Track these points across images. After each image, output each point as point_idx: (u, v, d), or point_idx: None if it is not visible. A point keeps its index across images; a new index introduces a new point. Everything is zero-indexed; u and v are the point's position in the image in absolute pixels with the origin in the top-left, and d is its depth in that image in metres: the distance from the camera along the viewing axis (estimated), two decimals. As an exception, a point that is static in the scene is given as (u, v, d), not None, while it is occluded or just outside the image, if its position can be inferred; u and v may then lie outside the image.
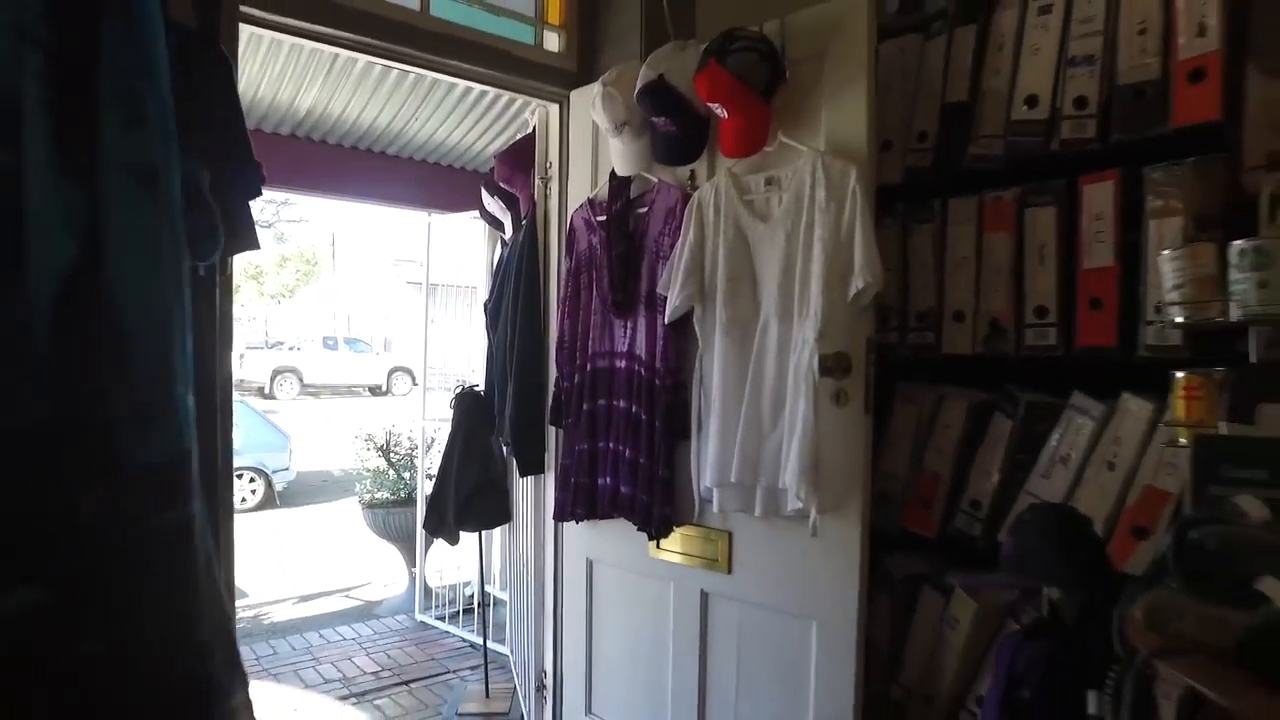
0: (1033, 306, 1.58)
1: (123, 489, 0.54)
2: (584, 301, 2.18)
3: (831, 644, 1.71)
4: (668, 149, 1.94)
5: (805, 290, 1.68)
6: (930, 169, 1.76)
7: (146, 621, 0.55)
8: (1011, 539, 1.26)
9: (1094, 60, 1.47)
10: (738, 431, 1.77)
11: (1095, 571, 1.09)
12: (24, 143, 0.48)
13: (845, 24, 1.71)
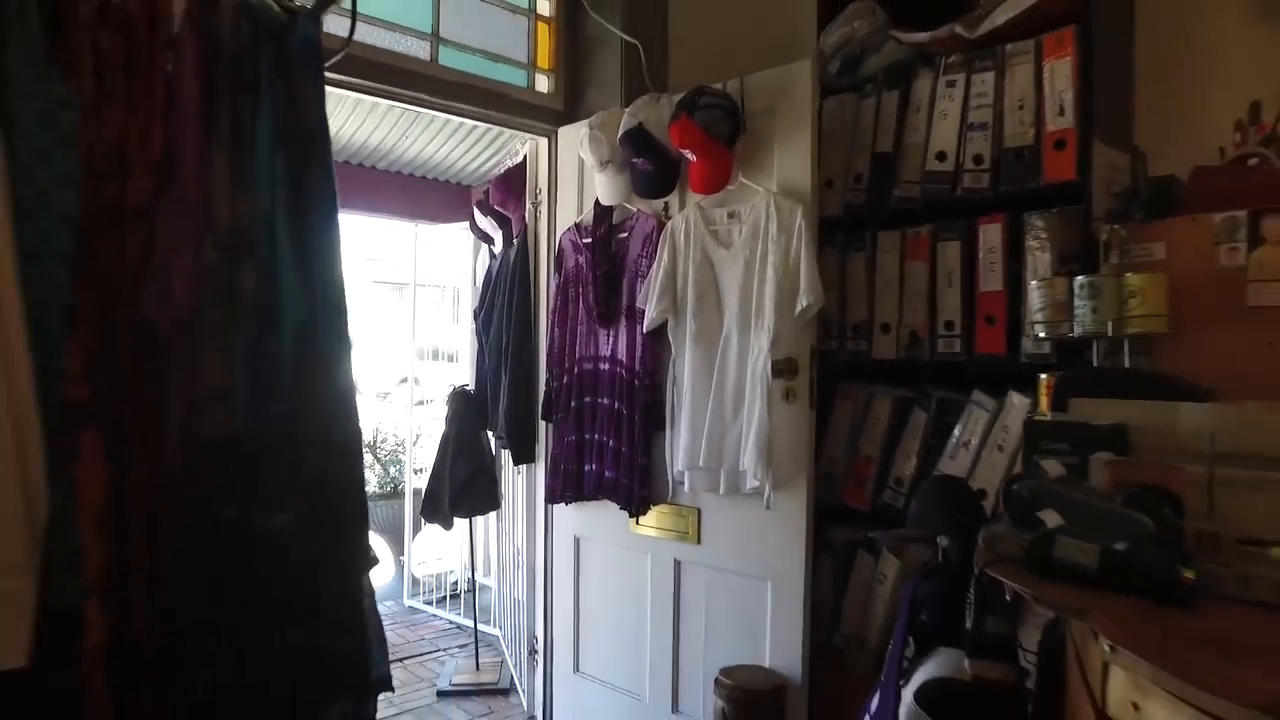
0: (943, 321, 1.97)
1: (325, 455, 0.89)
2: (571, 312, 2.54)
3: (784, 600, 2.09)
4: (645, 184, 2.30)
5: (760, 307, 2.05)
6: (864, 206, 2.14)
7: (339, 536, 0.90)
8: (915, 502, 1.65)
9: (987, 127, 1.87)
10: (705, 423, 2.14)
11: (972, 523, 1.47)
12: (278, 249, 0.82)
13: (794, 84, 2.09)
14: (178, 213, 0.82)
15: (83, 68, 0.77)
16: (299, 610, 0.90)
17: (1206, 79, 1.88)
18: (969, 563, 1.34)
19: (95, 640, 0.74)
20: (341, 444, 0.91)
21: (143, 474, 0.80)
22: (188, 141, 0.83)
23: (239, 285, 0.84)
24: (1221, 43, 1.87)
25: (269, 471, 0.86)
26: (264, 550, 0.87)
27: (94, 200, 0.75)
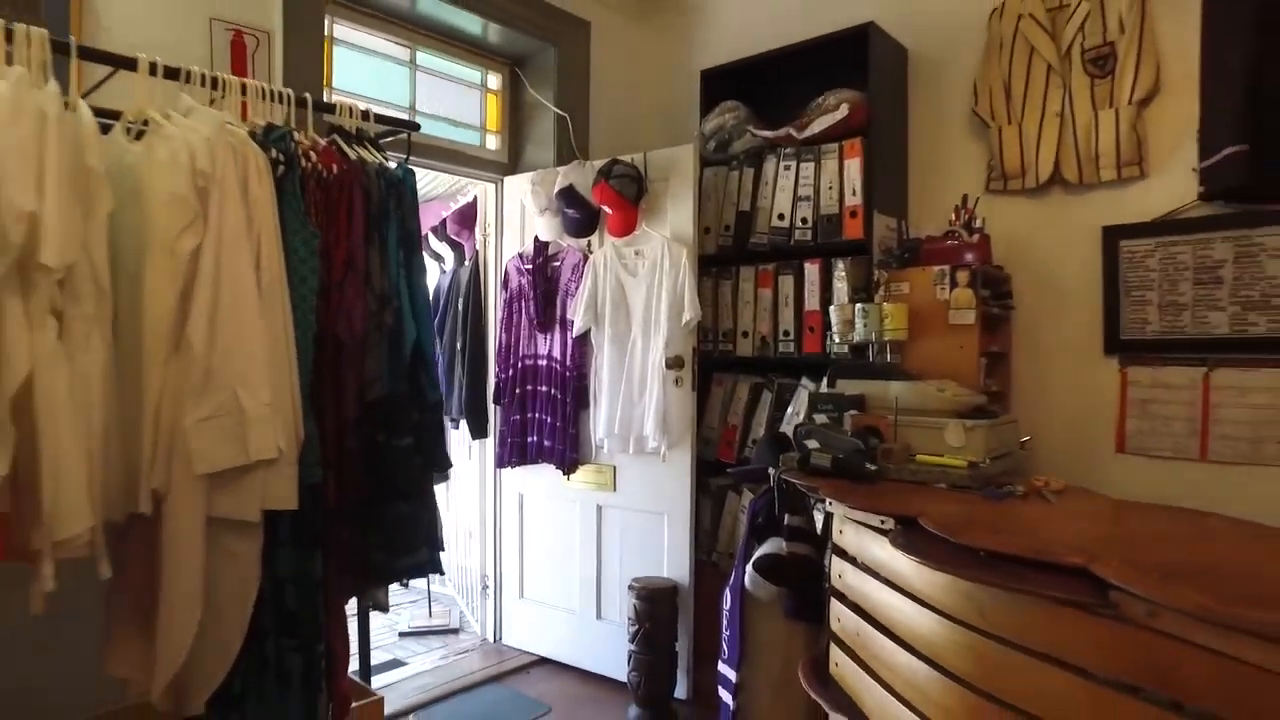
0: (782, 330, 2.90)
1: (426, 409, 1.70)
2: (516, 321, 3.35)
3: (676, 529, 2.97)
4: (574, 227, 3.14)
5: (657, 318, 2.93)
6: (730, 248, 3.05)
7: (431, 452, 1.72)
8: (756, 450, 2.57)
9: (809, 199, 2.81)
10: (618, 402, 3.01)
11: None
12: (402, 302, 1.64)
13: (682, 161, 2.98)
14: (354, 283, 1.60)
15: (311, 210, 1.55)
16: (411, 491, 1.71)
17: (946, 174, 2.87)
18: (784, 485, 2.25)
19: (328, 499, 1.54)
20: (433, 403, 1.73)
21: (339, 417, 1.60)
22: (359, 247, 1.61)
23: (384, 321, 1.63)
24: (952, 152, 2.87)
25: (398, 417, 1.66)
26: (396, 458, 1.66)
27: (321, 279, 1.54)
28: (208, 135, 1.45)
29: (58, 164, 1.26)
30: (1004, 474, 1.96)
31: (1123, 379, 2.54)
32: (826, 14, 3.04)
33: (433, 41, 3.32)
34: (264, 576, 1.54)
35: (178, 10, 2.35)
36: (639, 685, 2.88)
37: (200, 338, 1.41)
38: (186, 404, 1.41)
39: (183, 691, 1.55)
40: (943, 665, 1.42)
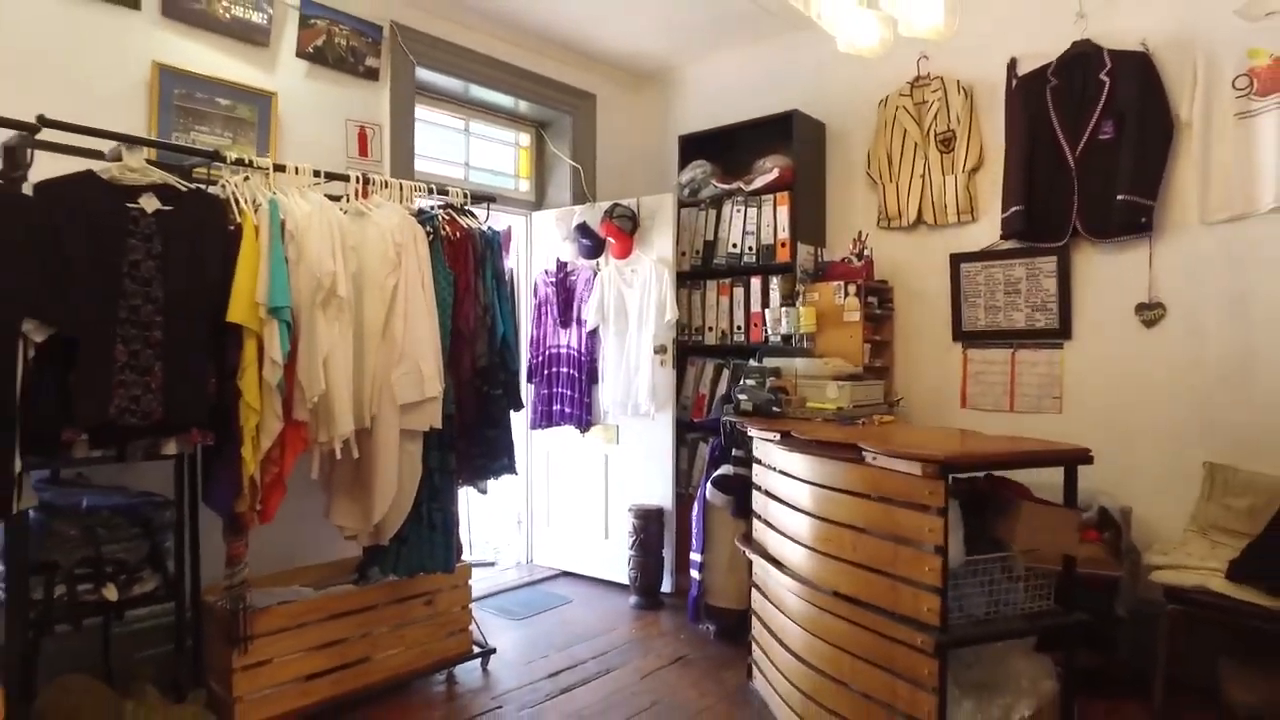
0: (736, 325, 4.19)
1: (508, 373, 2.98)
2: (543, 320, 4.64)
3: (662, 470, 4.26)
4: (586, 252, 4.43)
5: (647, 318, 4.21)
6: (700, 266, 4.35)
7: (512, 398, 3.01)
8: (715, 408, 3.86)
9: (754, 233, 4.10)
10: (620, 379, 4.30)
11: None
12: (497, 309, 2.91)
13: (664, 204, 4.26)
14: (469, 300, 2.88)
15: (448, 255, 2.85)
16: (500, 421, 3.00)
17: (852, 214, 4.16)
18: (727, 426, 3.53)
19: (455, 424, 2.86)
20: (512, 370, 3.02)
21: (460, 377, 2.89)
22: (471, 278, 2.89)
23: (486, 322, 2.90)
24: (856, 198, 4.17)
25: (493, 378, 2.95)
26: (491, 402, 2.96)
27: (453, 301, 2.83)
28: (397, 221, 2.74)
29: (338, 240, 2.55)
30: (858, 413, 3.24)
31: (964, 358, 3.84)
32: (771, 97, 4.33)
33: (480, 114, 4.61)
34: (424, 467, 2.83)
35: (327, 117, 3.63)
36: (636, 580, 4.18)
37: (397, 332, 2.70)
38: (390, 366, 2.69)
39: (379, 532, 2.84)
40: (796, 506, 2.71)
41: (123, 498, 2.52)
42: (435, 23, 3.99)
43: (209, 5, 3.18)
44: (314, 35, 3.51)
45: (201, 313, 2.36)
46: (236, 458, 2.39)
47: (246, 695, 2.61)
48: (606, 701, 3.02)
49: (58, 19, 2.82)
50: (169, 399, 2.29)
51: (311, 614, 2.81)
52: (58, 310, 2.08)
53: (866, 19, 2.68)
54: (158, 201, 2.31)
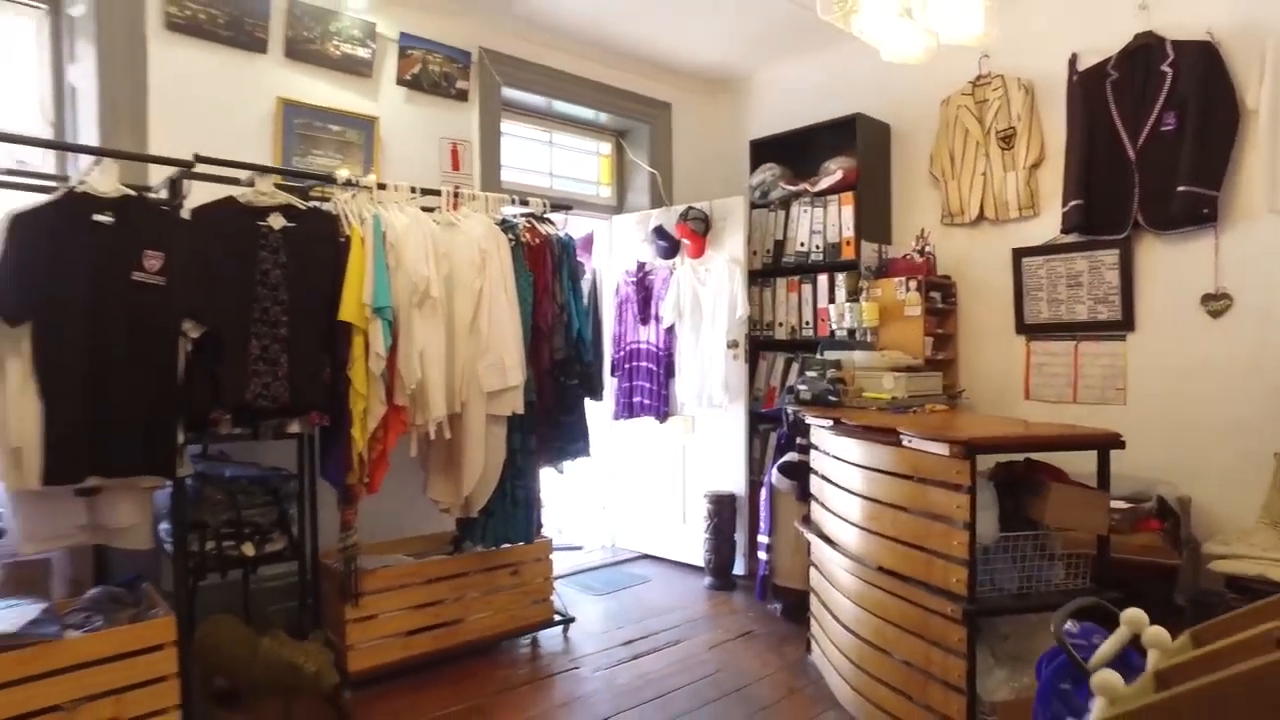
0: (804, 321, 4.41)
1: (584, 365, 3.32)
2: (624, 317, 4.97)
3: (735, 458, 4.52)
4: (663, 253, 4.73)
5: (720, 314, 4.48)
6: (771, 265, 4.58)
7: (591, 387, 3.36)
8: (782, 398, 4.09)
9: (820, 232, 4.31)
10: (695, 373, 4.58)
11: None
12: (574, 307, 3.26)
13: (735, 206, 4.52)
14: (547, 300, 3.23)
15: (528, 259, 3.21)
16: (575, 409, 3.34)
17: (916, 212, 4.31)
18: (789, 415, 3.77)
19: (535, 410, 3.21)
20: (586, 362, 3.36)
21: (540, 368, 3.24)
22: (549, 280, 3.25)
23: (562, 319, 3.25)
24: (920, 196, 4.31)
25: (569, 369, 3.30)
26: (571, 392, 3.31)
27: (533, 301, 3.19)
28: (483, 230, 3.12)
29: (431, 249, 2.94)
30: (912, 402, 3.42)
31: (1027, 350, 3.94)
32: (837, 100, 4.52)
33: (563, 126, 4.98)
34: (507, 448, 3.20)
35: (423, 136, 4.06)
36: (710, 562, 4.45)
37: (484, 328, 3.07)
38: (477, 358, 3.07)
39: (468, 505, 3.22)
40: (846, 487, 2.93)
41: (256, 470, 2.98)
42: (519, 45, 4.38)
43: (322, 44, 3.65)
44: (411, 64, 3.95)
45: (319, 313, 2.78)
46: (347, 437, 2.81)
47: (357, 644, 3.04)
48: (674, 667, 3.31)
49: (202, 67, 3.34)
50: (293, 386, 2.72)
51: (412, 577, 3.22)
52: (208, 312, 2.53)
53: (908, 30, 2.87)
54: (283, 219, 2.75)
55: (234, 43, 3.40)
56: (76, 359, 2.29)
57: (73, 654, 2.26)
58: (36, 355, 2.25)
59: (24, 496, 2.37)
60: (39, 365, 2.25)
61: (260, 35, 3.47)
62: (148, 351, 2.42)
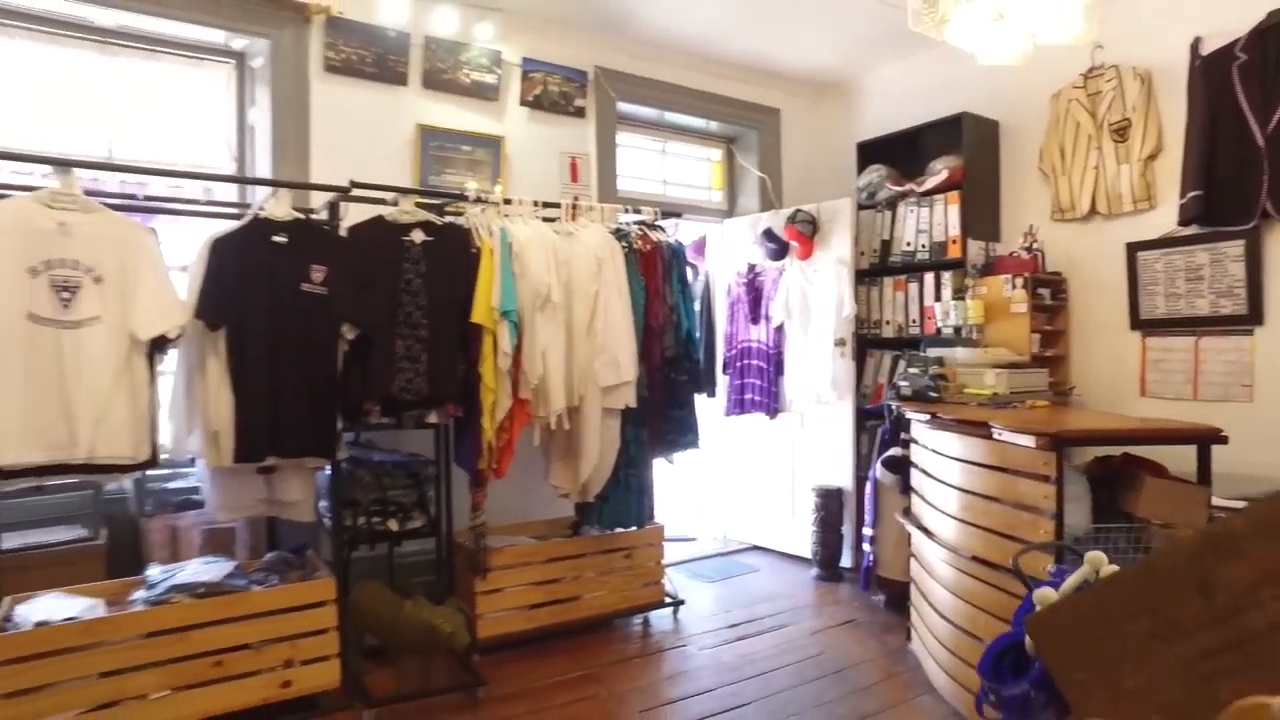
0: (910, 319, 4.48)
1: (692, 362, 3.58)
2: (735, 316, 5.17)
3: (842, 453, 4.64)
4: (772, 255, 4.91)
5: (827, 313, 4.62)
6: (877, 264, 4.68)
7: (698, 383, 3.61)
8: (886, 393, 4.19)
9: (926, 231, 4.38)
10: (803, 370, 4.74)
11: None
12: (682, 308, 3.52)
13: (842, 208, 4.65)
14: (658, 301, 3.51)
15: (640, 264, 3.50)
16: (685, 404, 3.59)
17: (1026, 208, 4.30)
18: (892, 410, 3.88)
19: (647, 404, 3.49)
20: (695, 360, 3.61)
21: (651, 365, 3.52)
22: (660, 283, 3.52)
23: (671, 319, 3.52)
24: (1030, 192, 4.29)
25: (679, 366, 3.56)
26: (680, 388, 3.57)
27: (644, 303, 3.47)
28: (598, 239, 3.42)
29: (551, 257, 3.26)
30: (1013, 398, 3.46)
31: (1142, 346, 3.88)
32: (944, 99, 4.56)
33: (675, 135, 5.24)
34: (621, 439, 3.49)
35: (544, 152, 4.42)
36: (817, 554, 4.60)
37: (600, 329, 3.37)
38: (594, 356, 3.37)
39: (585, 491, 3.52)
40: (942, 480, 3.04)
41: (400, 456, 3.39)
42: (632, 62, 4.67)
43: (454, 74, 4.06)
44: (532, 86, 4.31)
45: (454, 316, 3.15)
46: (478, 427, 3.17)
47: (485, 614, 3.40)
48: (776, 649, 3.50)
49: (354, 102, 3.80)
50: (432, 381, 3.10)
51: (534, 556, 3.56)
52: (362, 316, 2.94)
53: (1003, 34, 2.95)
54: (423, 234, 3.13)
55: (379, 78, 3.86)
56: (259, 358, 2.74)
57: (258, 604, 2.71)
58: (229, 355, 2.71)
59: (219, 473, 2.84)
60: (231, 363, 2.71)
61: (401, 70, 3.91)
62: (313, 351, 2.85)
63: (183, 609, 2.61)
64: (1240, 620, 0.84)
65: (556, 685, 3.13)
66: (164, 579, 2.76)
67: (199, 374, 2.74)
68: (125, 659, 2.49)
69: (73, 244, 2.42)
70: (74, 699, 2.41)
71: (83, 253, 2.43)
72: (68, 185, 2.45)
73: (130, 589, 2.81)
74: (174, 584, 2.69)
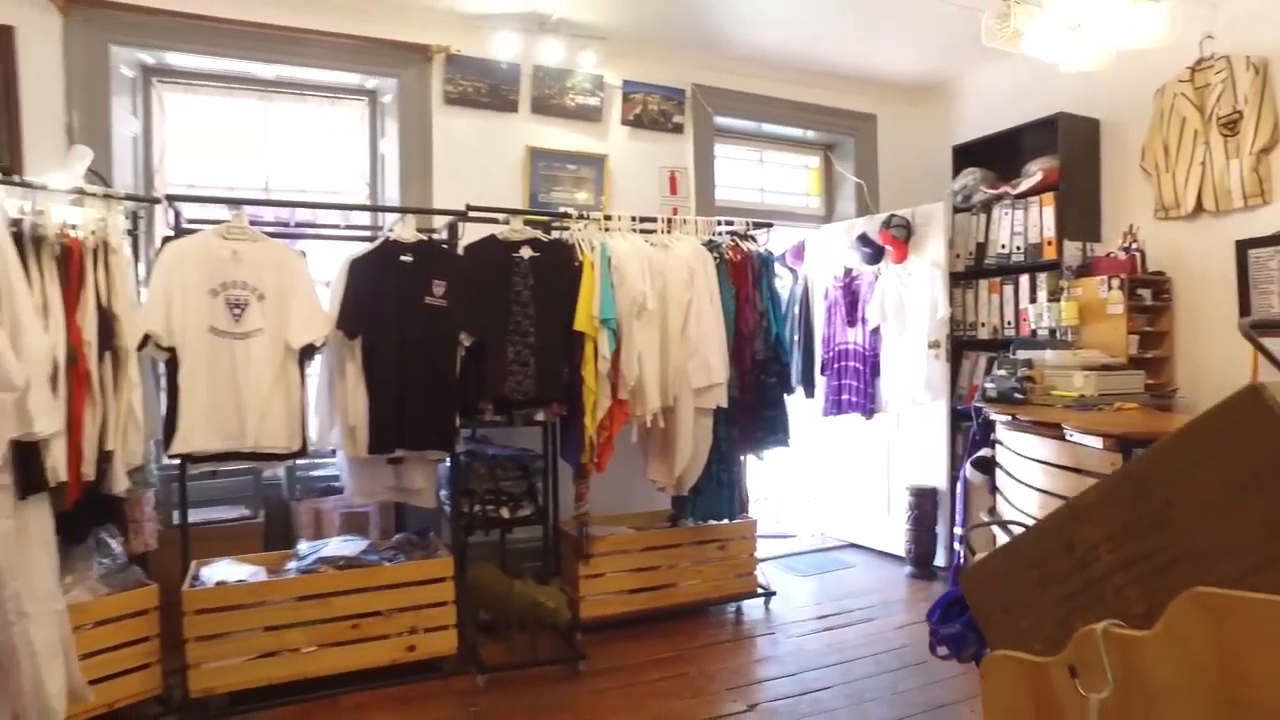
0: (1006, 320, 4.50)
1: (782, 364, 3.78)
2: (833, 320, 5.30)
3: (936, 453, 4.71)
4: (867, 259, 5.01)
5: (921, 316, 4.69)
6: (973, 266, 4.71)
7: (786, 384, 3.82)
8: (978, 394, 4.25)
9: (1021, 233, 4.39)
10: (899, 371, 4.83)
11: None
12: (774, 313, 3.73)
13: (937, 213, 4.71)
14: (748, 307, 3.74)
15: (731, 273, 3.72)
16: (775, 403, 3.80)
17: (1129, 207, 4.24)
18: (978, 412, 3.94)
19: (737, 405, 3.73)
20: (785, 363, 3.81)
21: (742, 368, 3.75)
22: (750, 290, 3.74)
23: (761, 324, 3.73)
24: (1133, 191, 4.23)
25: (769, 368, 3.77)
26: (770, 389, 3.78)
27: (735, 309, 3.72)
28: (691, 250, 3.67)
29: (647, 268, 3.54)
30: (1101, 400, 3.47)
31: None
32: (1041, 99, 4.55)
33: (772, 145, 5.43)
34: (714, 436, 3.72)
35: (645, 167, 4.70)
36: (911, 552, 4.69)
37: (692, 334, 3.62)
38: (687, 359, 3.62)
39: (680, 484, 3.78)
40: (1021, 479, 3.12)
41: (511, 450, 3.75)
42: (727, 78, 4.89)
43: (560, 99, 4.40)
44: (633, 106, 4.61)
45: (559, 324, 3.47)
46: (581, 425, 3.48)
47: (587, 596, 3.71)
48: (861, 640, 3.65)
49: (470, 130, 4.21)
50: (539, 383, 3.43)
51: (633, 544, 3.85)
52: (477, 326, 3.31)
53: (1082, 43, 3.00)
54: (530, 250, 3.47)
55: (492, 106, 4.25)
56: (389, 363, 3.15)
57: (388, 577, 3.12)
58: (364, 360, 3.13)
59: (355, 462, 3.27)
60: (366, 367, 3.13)
61: (512, 98, 4.28)
62: (435, 357, 3.23)
63: (327, 578, 3.05)
64: (1088, 570, 1.06)
65: (650, 663, 3.40)
66: (311, 552, 3.22)
67: (339, 376, 3.18)
68: (282, 617, 2.95)
69: (242, 268, 2.89)
70: (245, 646, 2.89)
71: (250, 275, 2.91)
72: (238, 219, 2.93)
73: (284, 560, 3.28)
74: (319, 556, 3.14)
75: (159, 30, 3.63)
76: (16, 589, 2.17)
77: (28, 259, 2.31)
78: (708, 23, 4.40)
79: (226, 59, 3.85)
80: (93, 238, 2.56)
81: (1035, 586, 1.14)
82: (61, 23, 3.45)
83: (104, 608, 2.73)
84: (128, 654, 2.78)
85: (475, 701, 3.03)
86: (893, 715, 2.94)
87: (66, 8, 3.42)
